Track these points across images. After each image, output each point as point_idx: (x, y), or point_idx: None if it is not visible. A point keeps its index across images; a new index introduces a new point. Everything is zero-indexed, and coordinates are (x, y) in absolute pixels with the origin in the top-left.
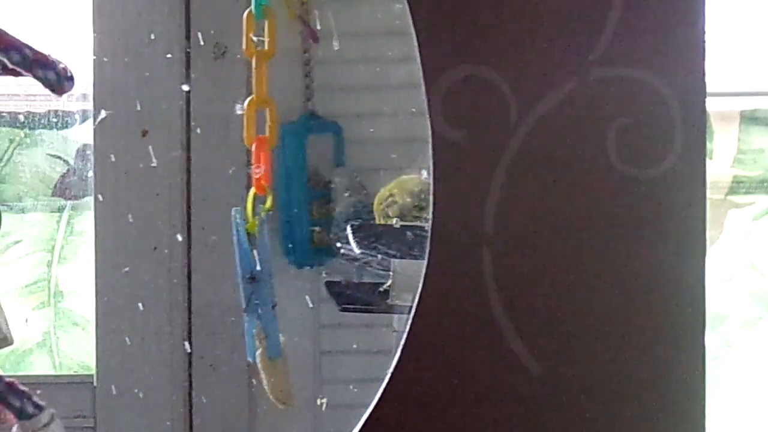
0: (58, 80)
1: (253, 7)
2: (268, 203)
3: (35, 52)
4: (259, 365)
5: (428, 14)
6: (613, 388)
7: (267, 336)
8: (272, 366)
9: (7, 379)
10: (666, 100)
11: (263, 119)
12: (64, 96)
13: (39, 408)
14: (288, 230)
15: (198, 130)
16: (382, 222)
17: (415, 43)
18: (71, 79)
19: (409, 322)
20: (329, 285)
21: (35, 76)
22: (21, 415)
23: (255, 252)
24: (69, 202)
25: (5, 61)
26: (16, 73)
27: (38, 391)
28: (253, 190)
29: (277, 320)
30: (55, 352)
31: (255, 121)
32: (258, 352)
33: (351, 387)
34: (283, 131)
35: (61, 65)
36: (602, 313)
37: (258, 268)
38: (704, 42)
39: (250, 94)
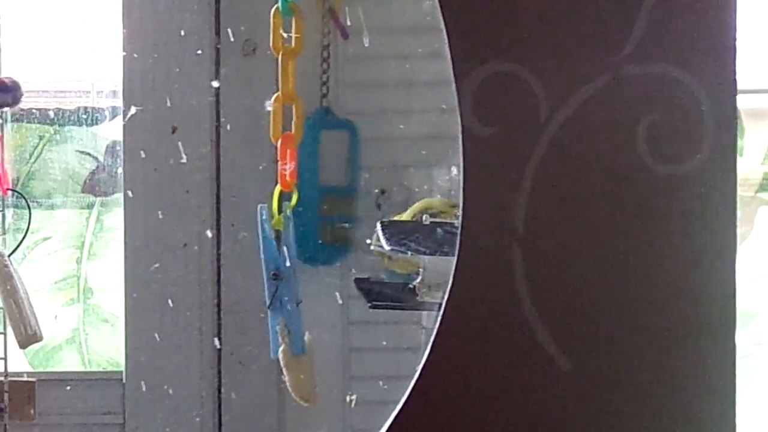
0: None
1: (279, 4)
2: (294, 200)
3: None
4: (282, 362)
5: (459, 11)
6: (643, 384)
7: (290, 333)
8: (296, 363)
9: None
10: (696, 97)
11: (290, 116)
12: (94, 92)
13: None
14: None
15: (228, 127)
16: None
17: (446, 40)
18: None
19: (439, 318)
20: (359, 282)
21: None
22: None
23: (281, 249)
24: (98, 198)
25: None
26: None
27: (67, 387)
28: (278, 187)
29: (301, 317)
30: (84, 348)
31: (281, 118)
32: (281, 349)
33: (380, 384)
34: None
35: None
36: (632, 309)
37: (286, 264)
38: (735, 39)
39: (277, 90)
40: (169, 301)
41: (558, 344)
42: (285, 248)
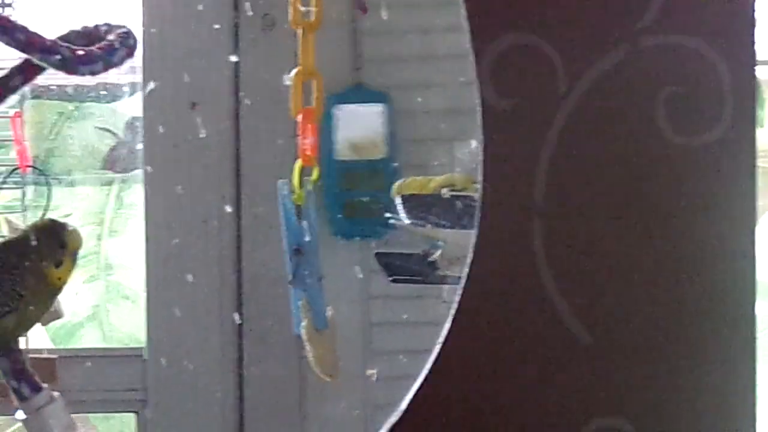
0: (111, 64)
1: None
2: (315, 175)
3: (74, 53)
4: (305, 337)
5: None
6: (663, 357)
7: (313, 308)
8: (318, 338)
9: (19, 358)
10: (716, 68)
11: (310, 90)
12: (113, 69)
13: (36, 390)
14: (327, 200)
15: (246, 102)
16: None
17: (464, 13)
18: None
19: (459, 292)
20: (379, 256)
21: (81, 74)
22: (19, 396)
23: (302, 224)
24: (118, 174)
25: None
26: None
27: (88, 364)
28: (299, 162)
29: (323, 292)
30: (105, 325)
31: (302, 93)
32: (303, 324)
33: (401, 358)
34: (331, 102)
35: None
36: (652, 282)
37: (306, 239)
38: (754, 9)
39: (297, 65)
40: (189, 277)
41: (578, 318)
42: (305, 223)
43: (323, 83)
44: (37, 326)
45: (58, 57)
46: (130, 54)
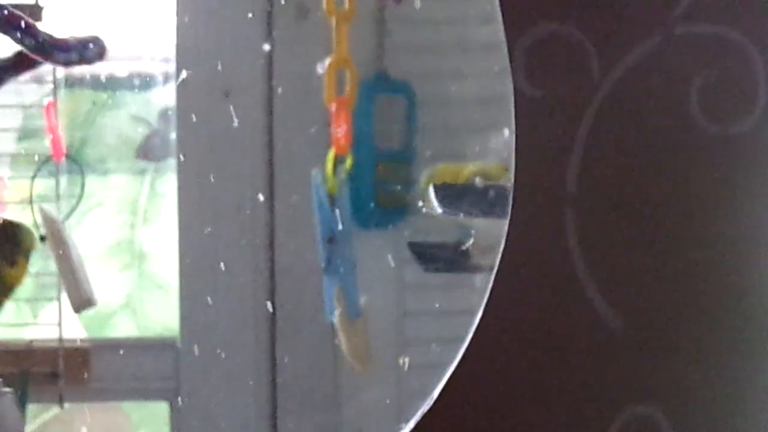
0: (84, 58)
1: None
2: (348, 163)
3: (51, 38)
4: (338, 326)
5: None
6: (697, 346)
7: (346, 296)
8: (352, 327)
9: None
10: (749, 57)
11: (344, 79)
12: (147, 58)
13: None
14: (354, 190)
15: (279, 90)
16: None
17: (497, 2)
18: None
19: (491, 281)
20: (412, 245)
21: (56, 62)
22: None
23: (335, 212)
24: (152, 164)
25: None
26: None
27: (121, 352)
28: (332, 151)
29: (356, 281)
30: (138, 313)
31: (335, 82)
32: (337, 313)
33: (433, 346)
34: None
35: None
36: (684, 270)
37: (339, 228)
38: None
39: (330, 53)
40: (222, 265)
41: (611, 306)
42: (338, 212)
43: (355, 72)
44: (71, 315)
45: (36, 40)
46: (101, 54)
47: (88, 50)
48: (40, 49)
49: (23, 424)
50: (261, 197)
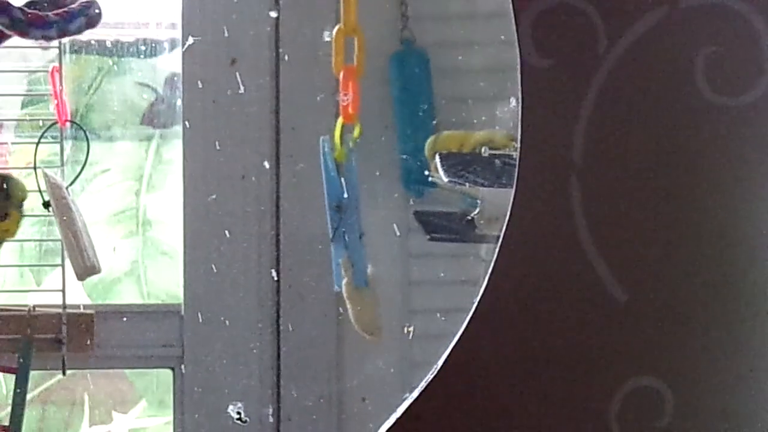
0: (65, 31)
1: None
2: (356, 132)
3: (28, 15)
4: (345, 295)
5: None
6: (700, 317)
7: (353, 265)
8: (358, 295)
9: None
10: (755, 28)
11: (352, 47)
12: (153, 24)
13: None
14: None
15: (286, 58)
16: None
17: None
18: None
19: (497, 251)
20: (418, 214)
21: (34, 38)
22: None
23: (343, 181)
24: (157, 130)
25: None
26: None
27: (125, 319)
28: (341, 119)
29: (363, 250)
30: (143, 281)
31: (343, 50)
32: (344, 282)
33: (439, 316)
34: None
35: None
36: (690, 241)
37: (345, 196)
38: None
39: (339, 20)
40: (227, 233)
41: (615, 276)
42: (343, 181)
43: (366, 41)
44: (75, 282)
45: (8, 18)
46: (91, 24)
47: (71, 23)
48: (15, 26)
49: None
50: (267, 165)
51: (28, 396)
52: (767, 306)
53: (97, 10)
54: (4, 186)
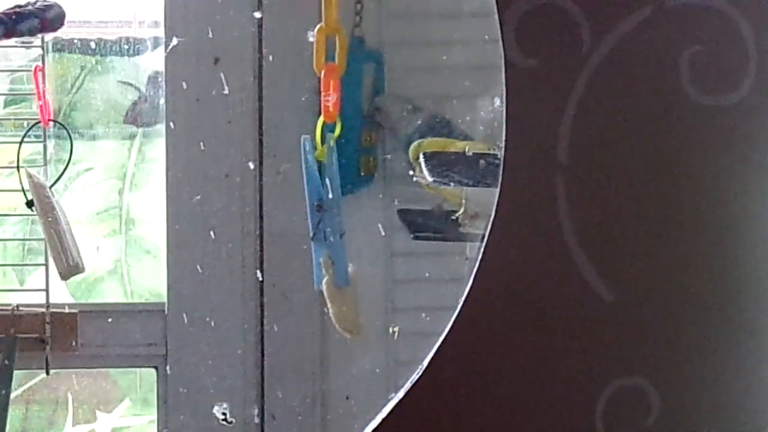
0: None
1: None
2: (337, 131)
3: (5, 13)
4: (326, 293)
5: None
6: (685, 317)
7: (334, 264)
8: (339, 294)
9: None
10: (740, 28)
11: (333, 46)
12: (136, 23)
13: None
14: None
15: (270, 58)
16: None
17: None
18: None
19: (482, 250)
20: (402, 213)
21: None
22: None
23: (324, 180)
24: (140, 129)
25: None
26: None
27: (109, 320)
28: (321, 118)
29: (345, 249)
30: (126, 279)
31: (325, 49)
32: (325, 280)
33: (423, 315)
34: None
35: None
36: (675, 241)
37: (328, 196)
38: None
39: (320, 21)
40: (211, 233)
41: (600, 276)
42: (327, 180)
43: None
44: (58, 281)
45: None
46: (47, 26)
47: (21, 24)
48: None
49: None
50: (251, 165)
51: (12, 395)
52: (754, 304)
53: (54, 14)
54: None
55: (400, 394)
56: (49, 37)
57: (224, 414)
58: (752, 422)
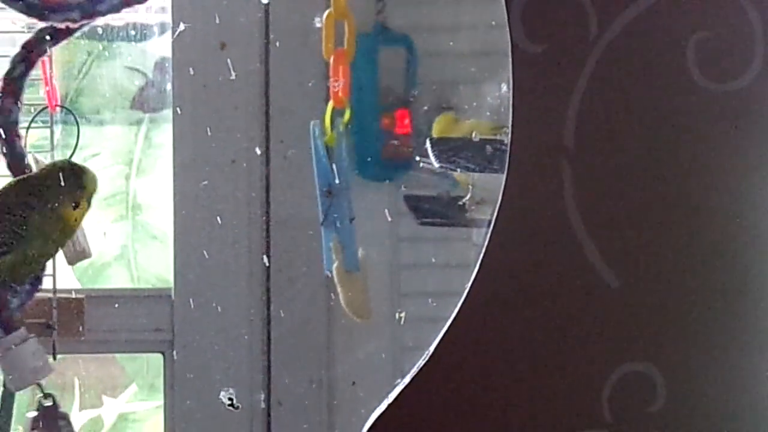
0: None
1: None
2: (347, 116)
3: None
4: (336, 278)
5: None
6: (693, 301)
7: (344, 249)
8: (349, 279)
9: None
10: (747, 13)
11: (342, 32)
12: (143, 8)
13: (9, 330)
14: (360, 143)
15: (277, 43)
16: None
17: None
18: None
19: (488, 235)
20: (408, 198)
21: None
22: None
23: (333, 165)
24: (147, 115)
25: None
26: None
27: (116, 305)
28: (331, 104)
29: (354, 234)
30: (133, 265)
31: (334, 34)
32: (334, 266)
33: (430, 301)
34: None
35: None
36: (682, 226)
37: (336, 181)
38: None
39: (328, 6)
40: (218, 219)
41: (606, 261)
42: (334, 165)
43: (354, 25)
44: (65, 266)
45: (22, 2)
46: (131, 1)
47: (100, 4)
48: (31, 11)
49: (48, 368)
50: (258, 150)
51: None
52: (761, 290)
53: None
54: (81, 177)
55: (407, 379)
56: (97, 19)
57: (231, 399)
58: (759, 409)
